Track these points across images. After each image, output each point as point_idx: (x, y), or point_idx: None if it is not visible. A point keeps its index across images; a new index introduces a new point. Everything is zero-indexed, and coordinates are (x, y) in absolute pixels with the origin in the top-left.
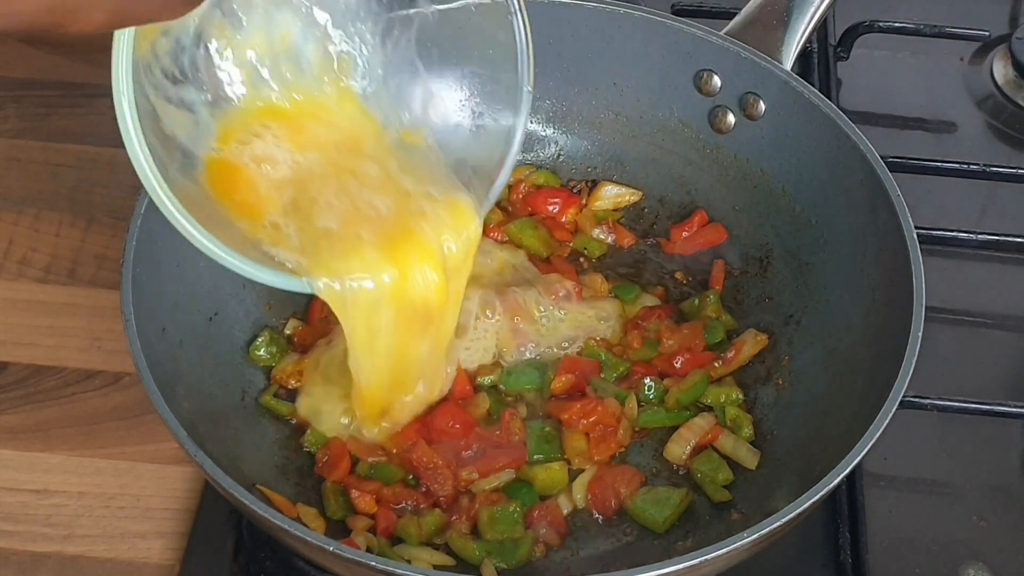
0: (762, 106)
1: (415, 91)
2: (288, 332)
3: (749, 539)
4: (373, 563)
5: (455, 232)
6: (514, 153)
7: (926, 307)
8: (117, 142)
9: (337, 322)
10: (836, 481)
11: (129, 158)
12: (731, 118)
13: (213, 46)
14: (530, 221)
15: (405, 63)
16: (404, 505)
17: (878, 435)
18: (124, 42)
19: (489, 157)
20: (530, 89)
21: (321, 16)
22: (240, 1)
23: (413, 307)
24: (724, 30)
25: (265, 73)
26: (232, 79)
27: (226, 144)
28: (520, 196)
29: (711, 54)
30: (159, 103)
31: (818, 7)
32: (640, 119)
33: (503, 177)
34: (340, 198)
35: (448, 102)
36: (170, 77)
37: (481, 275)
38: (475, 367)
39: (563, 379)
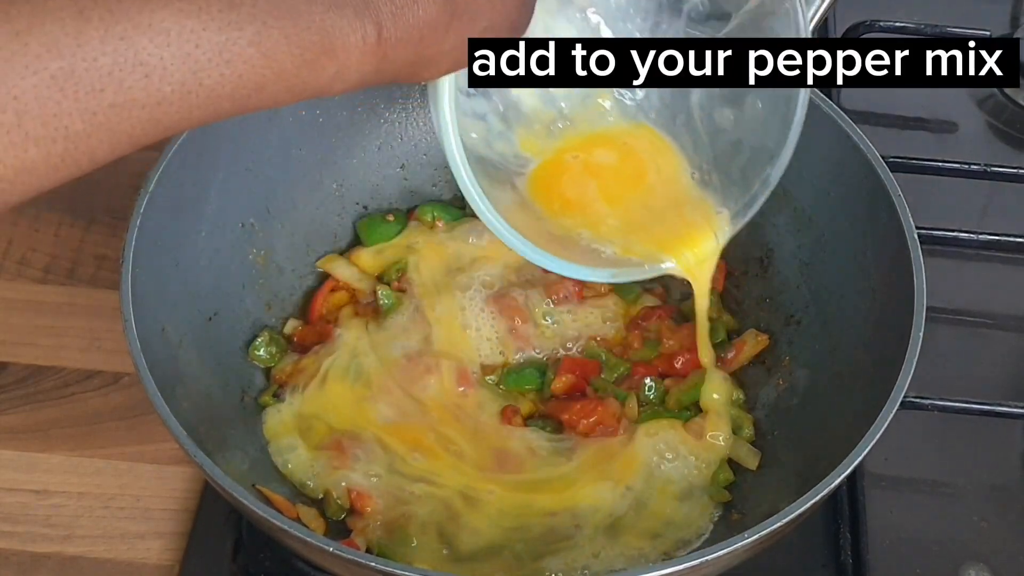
0: None
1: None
2: (287, 332)
3: (750, 539)
4: (373, 563)
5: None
6: (798, 123)
7: (927, 307)
8: None
9: (337, 325)
10: (837, 481)
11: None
12: None
13: None
14: None
15: None
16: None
17: (879, 435)
18: (450, 82)
19: (766, 135)
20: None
21: (594, 18)
22: None
23: None
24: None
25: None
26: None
27: (529, 150)
28: None
29: None
30: (458, 117)
31: (818, 7)
32: None
33: (786, 157)
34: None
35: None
36: (463, 91)
37: (482, 277)
38: (478, 367)
39: (563, 379)
